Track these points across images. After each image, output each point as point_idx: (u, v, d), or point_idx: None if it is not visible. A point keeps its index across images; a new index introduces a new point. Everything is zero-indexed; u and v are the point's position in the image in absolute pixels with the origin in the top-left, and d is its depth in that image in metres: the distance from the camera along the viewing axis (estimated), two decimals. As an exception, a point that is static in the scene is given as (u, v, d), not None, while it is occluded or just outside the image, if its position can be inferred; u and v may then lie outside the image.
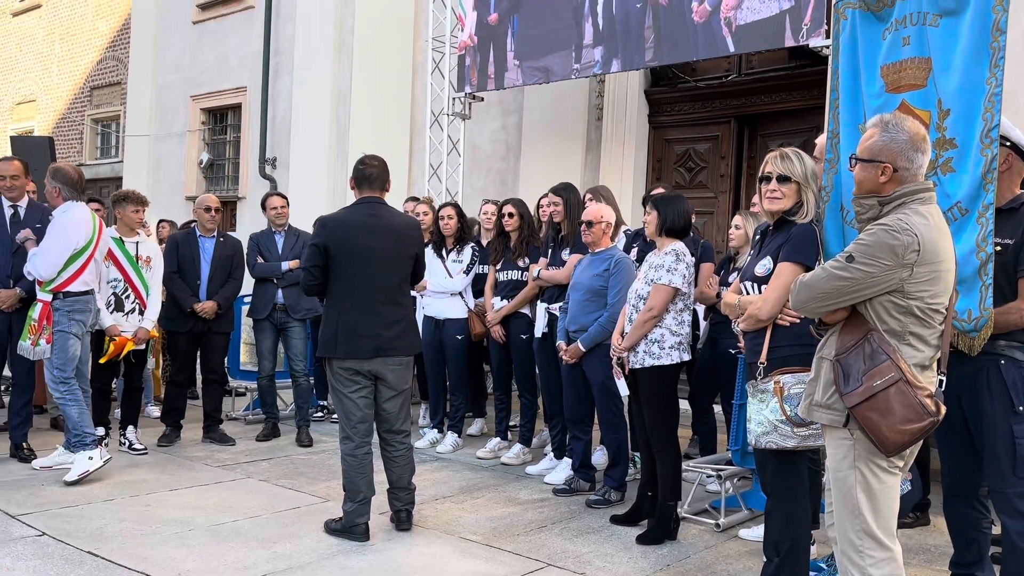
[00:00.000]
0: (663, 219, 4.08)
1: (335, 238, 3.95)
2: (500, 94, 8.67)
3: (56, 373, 4.88)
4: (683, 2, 6.47)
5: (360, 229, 3.96)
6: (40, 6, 16.42)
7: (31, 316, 4.88)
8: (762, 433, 3.07)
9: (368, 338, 3.91)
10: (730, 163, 7.93)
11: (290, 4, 11.11)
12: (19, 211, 5.22)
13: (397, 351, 3.98)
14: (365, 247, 3.93)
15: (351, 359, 3.93)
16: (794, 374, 3.00)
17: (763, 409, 3.06)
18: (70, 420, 4.85)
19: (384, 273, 3.96)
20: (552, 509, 4.54)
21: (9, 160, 5.36)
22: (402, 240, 4.04)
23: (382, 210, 4.07)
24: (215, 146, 12.54)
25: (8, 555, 3.63)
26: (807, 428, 2.96)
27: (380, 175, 4.08)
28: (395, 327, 3.97)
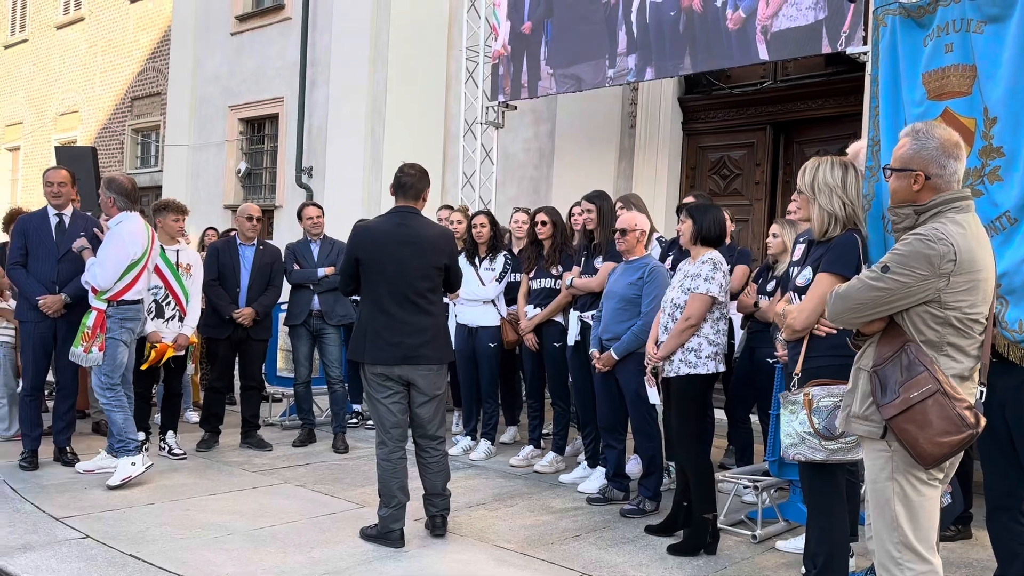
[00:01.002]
0: (698, 227, 4.07)
1: (364, 247, 4.04)
2: (533, 102, 8.71)
3: (104, 379, 4.98)
4: (717, 9, 6.45)
5: (387, 239, 4.02)
6: (83, 19, 16.81)
7: (85, 323, 4.98)
8: (790, 444, 3.06)
9: (394, 346, 3.96)
10: (765, 170, 7.88)
11: (326, 15, 11.26)
12: (64, 219, 5.35)
13: (424, 359, 4.01)
14: (391, 257, 3.99)
15: (380, 365, 3.99)
16: (824, 386, 2.99)
17: (792, 421, 3.05)
18: (115, 426, 4.95)
19: (409, 282, 4.00)
20: (586, 518, 4.54)
21: (57, 169, 5.50)
22: (430, 250, 4.06)
23: (413, 220, 4.11)
24: (252, 156, 12.73)
25: (53, 556, 3.72)
26: (836, 441, 2.94)
27: (415, 184, 4.12)
28: (421, 335, 4.00)
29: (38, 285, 5.20)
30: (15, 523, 4.16)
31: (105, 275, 4.96)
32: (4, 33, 19.32)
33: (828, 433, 2.87)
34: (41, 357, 5.30)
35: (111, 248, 5.00)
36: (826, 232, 3.11)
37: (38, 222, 5.33)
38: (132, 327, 5.12)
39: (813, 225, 3.15)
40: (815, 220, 3.13)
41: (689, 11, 6.65)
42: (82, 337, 4.95)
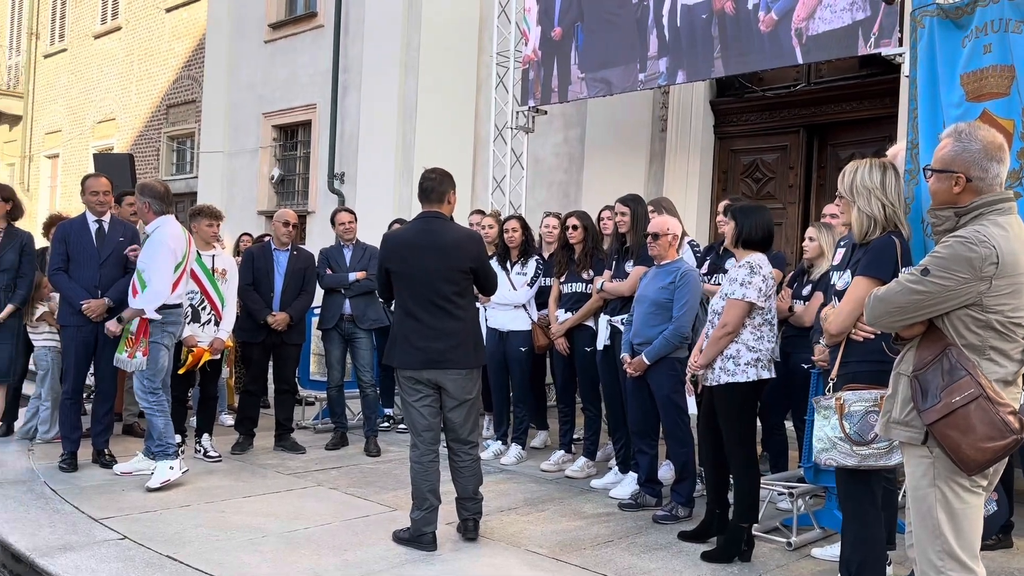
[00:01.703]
0: (739, 229, 3.98)
1: (390, 256, 4.13)
2: (563, 107, 8.71)
3: (147, 384, 5.05)
4: (750, 12, 6.41)
5: (411, 246, 4.08)
6: (120, 28, 17.12)
7: (128, 329, 5.06)
8: (822, 450, 3.03)
9: (420, 350, 4.00)
10: (799, 173, 7.80)
11: (358, 23, 11.35)
12: (104, 226, 5.45)
13: (451, 364, 4.02)
14: (416, 263, 4.02)
15: (409, 369, 4.02)
16: (856, 391, 2.95)
17: (825, 425, 3.03)
18: (155, 430, 5.02)
19: (434, 287, 4.02)
20: (618, 524, 4.52)
21: (97, 177, 5.60)
22: (453, 254, 4.06)
23: (437, 224, 4.13)
24: (286, 162, 12.86)
25: (92, 557, 3.78)
26: (867, 447, 2.90)
27: (437, 187, 4.14)
28: (448, 340, 4.01)
29: (81, 290, 5.29)
30: (55, 523, 4.24)
31: (162, 283, 5.02)
32: (44, 43, 19.74)
33: (859, 438, 2.83)
34: (83, 361, 5.40)
35: (159, 258, 5.03)
36: (866, 235, 3.07)
37: (79, 228, 5.43)
38: (173, 331, 5.20)
39: (853, 228, 3.11)
40: (855, 223, 3.09)
41: (721, 14, 6.61)
42: (126, 343, 5.02)
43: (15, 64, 20.75)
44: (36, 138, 19.83)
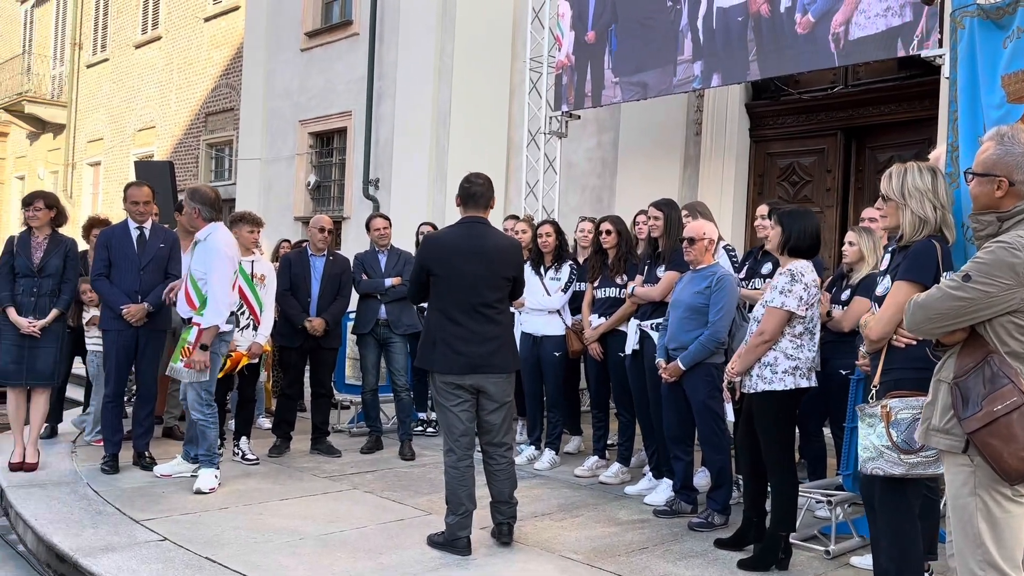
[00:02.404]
0: (787, 236, 3.90)
1: (433, 259, 4.09)
2: (596, 111, 8.70)
3: (204, 396, 5.10)
4: (786, 14, 6.36)
5: (456, 250, 4.06)
6: (160, 38, 17.46)
7: (186, 339, 5.02)
8: (868, 458, 2.98)
9: (463, 355, 3.99)
10: (837, 177, 7.71)
11: (393, 30, 11.46)
12: (145, 232, 5.56)
13: (493, 368, 4.04)
14: (460, 268, 4.02)
15: (450, 374, 4.02)
16: (903, 399, 2.90)
17: (871, 434, 2.97)
18: (206, 440, 5.07)
19: (479, 293, 4.03)
20: (653, 530, 4.49)
21: (139, 186, 5.71)
22: (498, 261, 4.09)
23: (481, 230, 4.14)
24: (322, 168, 13.01)
25: (134, 558, 3.85)
26: (915, 455, 2.86)
27: (484, 193, 4.16)
28: (489, 344, 4.03)
29: (122, 295, 5.40)
30: (98, 524, 4.32)
31: (225, 295, 5.07)
32: (87, 53, 20.19)
33: (907, 447, 2.79)
34: (123, 365, 5.51)
35: (218, 266, 5.02)
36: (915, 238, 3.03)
37: (120, 234, 5.54)
38: (227, 339, 5.29)
39: (904, 231, 3.06)
40: (907, 225, 3.05)
41: (756, 16, 6.56)
42: (182, 352, 5.00)
43: (59, 74, 21.24)
44: (79, 146, 20.28)
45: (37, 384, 5.50)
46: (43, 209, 5.48)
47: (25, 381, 5.45)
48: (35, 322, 5.37)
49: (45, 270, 5.44)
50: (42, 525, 4.30)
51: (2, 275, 5.46)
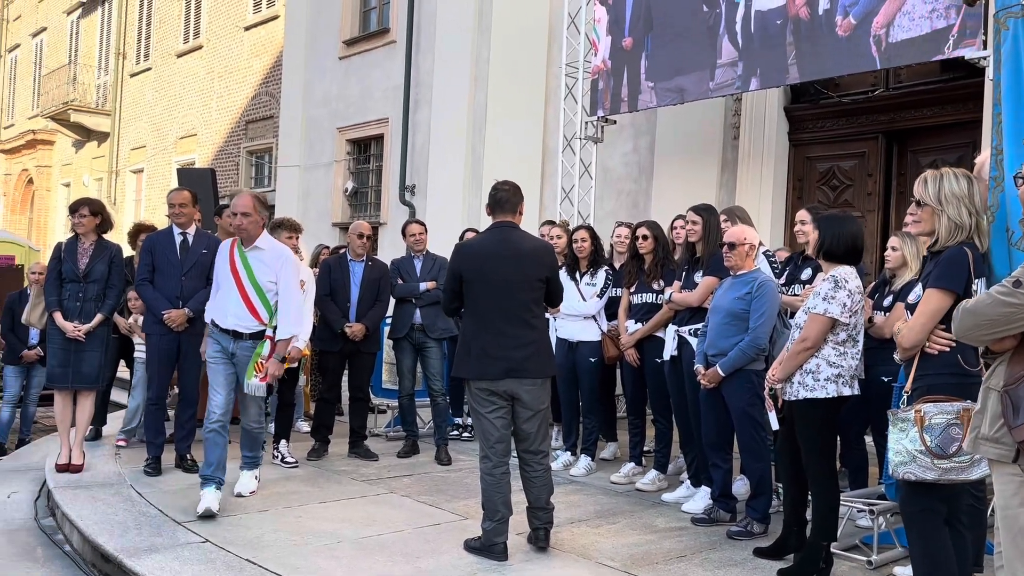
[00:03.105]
0: (822, 240, 3.86)
1: (466, 265, 4.11)
2: (632, 116, 8.68)
3: (263, 406, 5.15)
4: (826, 17, 6.29)
5: (489, 255, 4.08)
6: (202, 47, 17.77)
7: (259, 353, 4.79)
8: (900, 463, 2.94)
9: (498, 360, 4.00)
10: (878, 181, 7.60)
11: (429, 38, 11.54)
12: (188, 238, 5.66)
13: (528, 373, 4.04)
14: (493, 272, 4.03)
15: (484, 380, 4.03)
16: (937, 403, 2.87)
17: (903, 438, 2.95)
18: (257, 446, 5.13)
19: (512, 297, 4.04)
20: (691, 539, 4.45)
21: (179, 190, 5.82)
22: (530, 264, 4.10)
23: (512, 235, 4.16)
24: (359, 175, 13.13)
25: (176, 559, 3.91)
26: (948, 460, 2.82)
27: (510, 199, 4.19)
28: (525, 349, 4.03)
29: (164, 300, 5.51)
30: (142, 525, 4.40)
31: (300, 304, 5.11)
32: (130, 62, 20.62)
33: (940, 451, 2.75)
34: (165, 369, 5.62)
35: (293, 278, 4.92)
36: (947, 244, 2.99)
37: (164, 240, 5.65)
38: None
39: (940, 236, 3.02)
40: (943, 231, 3.00)
41: (796, 19, 6.50)
42: (255, 367, 4.78)
43: (103, 83, 21.72)
44: (122, 154, 20.70)
45: (82, 387, 5.61)
46: (88, 216, 5.60)
47: (71, 384, 5.57)
48: (80, 326, 5.49)
49: (90, 276, 5.56)
50: (88, 526, 4.39)
51: (50, 281, 5.60)
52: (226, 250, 4.96)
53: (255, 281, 4.82)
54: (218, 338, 4.89)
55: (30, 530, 4.88)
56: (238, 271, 4.84)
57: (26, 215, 25.06)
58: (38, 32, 25.07)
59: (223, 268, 4.91)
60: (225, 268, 4.89)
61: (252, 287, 4.82)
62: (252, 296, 4.80)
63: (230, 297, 4.85)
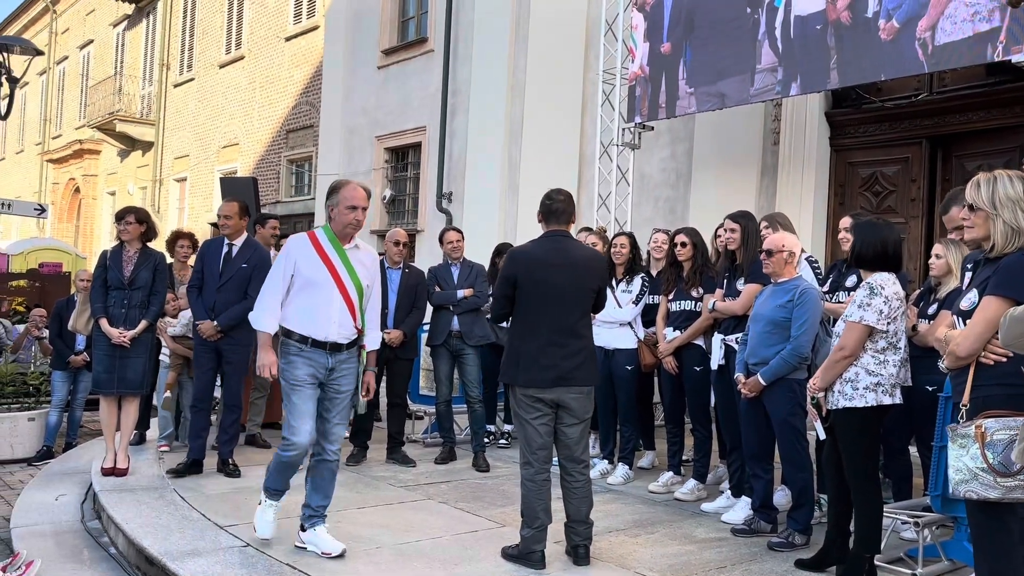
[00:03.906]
0: (853, 247, 3.86)
1: (522, 271, 4.07)
2: (670, 122, 8.64)
3: None
4: (868, 21, 6.20)
5: (546, 263, 4.06)
6: (243, 58, 18.06)
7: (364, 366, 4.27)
8: (960, 481, 2.84)
9: (549, 368, 3.99)
10: (922, 186, 7.47)
11: (467, 46, 11.61)
12: (232, 250, 5.74)
13: (577, 381, 4.03)
14: (549, 281, 4.02)
15: (532, 387, 4.02)
16: (999, 418, 2.76)
17: (963, 455, 2.84)
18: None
19: (566, 306, 4.04)
20: (731, 549, 4.40)
21: (228, 201, 5.92)
22: (585, 274, 4.10)
23: (567, 244, 4.16)
24: (397, 182, 13.24)
25: (218, 563, 3.96)
26: (1013, 478, 2.72)
27: (566, 209, 4.19)
28: (575, 358, 4.02)
29: (203, 310, 5.63)
30: (184, 529, 4.46)
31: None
32: (174, 73, 21.03)
33: (1004, 469, 2.66)
34: (208, 373, 5.73)
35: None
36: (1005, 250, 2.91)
37: (213, 250, 5.76)
38: None
39: (996, 242, 2.94)
40: (998, 236, 2.92)
41: (837, 24, 6.42)
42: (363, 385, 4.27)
43: (148, 94, 22.18)
44: (166, 163, 21.11)
45: (127, 392, 5.72)
46: (134, 224, 5.72)
47: (116, 389, 5.68)
48: (125, 332, 5.60)
49: (135, 283, 5.67)
50: (132, 529, 4.47)
51: (96, 288, 5.72)
52: (309, 249, 4.11)
53: (359, 284, 4.12)
54: (312, 356, 4.05)
55: (77, 532, 4.98)
56: (338, 272, 4.07)
57: (73, 223, 25.66)
58: (85, 44, 25.70)
59: (313, 269, 4.06)
60: (320, 269, 4.06)
61: (355, 291, 4.11)
62: (355, 301, 4.12)
63: (332, 303, 4.06)
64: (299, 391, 4.03)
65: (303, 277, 4.07)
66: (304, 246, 4.14)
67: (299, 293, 4.08)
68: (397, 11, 13.28)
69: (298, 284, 4.08)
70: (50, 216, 22.24)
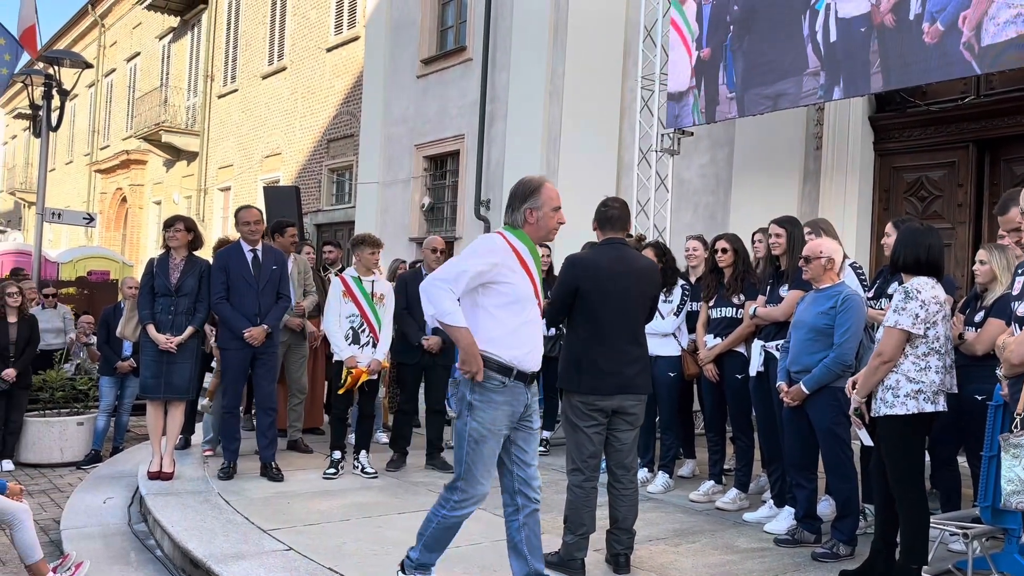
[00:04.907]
0: (892, 252, 3.81)
1: (585, 278, 4.03)
2: (710, 128, 8.58)
3: None
4: (912, 24, 6.11)
5: (608, 270, 4.05)
6: (286, 69, 18.34)
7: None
8: (1013, 492, 2.79)
9: (611, 375, 3.98)
10: (969, 191, 7.31)
11: (505, 54, 11.66)
12: (258, 254, 5.90)
13: (636, 389, 4.04)
14: (612, 287, 4.01)
15: (594, 395, 3.99)
16: None
17: (1015, 466, 2.79)
18: None
19: (628, 313, 4.04)
20: (774, 560, 4.34)
21: (248, 208, 6.10)
22: (644, 282, 4.12)
23: (626, 252, 4.17)
24: (435, 190, 13.33)
25: (261, 566, 4.02)
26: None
27: (622, 216, 4.19)
28: (636, 365, 4.03)
29: (242, 318, 5.74)
30: (229, 533, 4.54)
31: None
32: (218, 84, 21.42)
33: (1058, 480, 2.59)
34: (239, 379, 5.91)
35: None
36: None
37: (236, 257, 5.86)
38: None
39: None
40: None
41: (880, 27, 6.33)
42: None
43: (192, 105, 22.63)
44: (211, 172, 21.49)
45: (174, 398, 5.84)
46: (183, 232, 5.85)
47: (163, 395, 5.79)
48: (172, 339, 5.71)
49: (182, 290, 5.79)
50: (178, 532, 4.55)
51: (144, 295, 5.85)
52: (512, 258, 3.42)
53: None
54: (514, 392, 3.39)
55: (124, 534, 5.08)
56: (538, 287, 3.49)
57: (120, 232, 26.24)
58: (132, 57, 26.30)
59: (523, 282, 3.41)
60: (526, 283, 3.42)
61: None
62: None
63: (536, 325, 3.48)
64: (495, 438, 3.41)
65: (513, 290, 3.37)
66: (505, 251, 3.42)
67: (505, 310, 3.36)
68: (436, 21, 13.39)
69: (504, 299, 3.36)
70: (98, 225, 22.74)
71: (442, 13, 13.39)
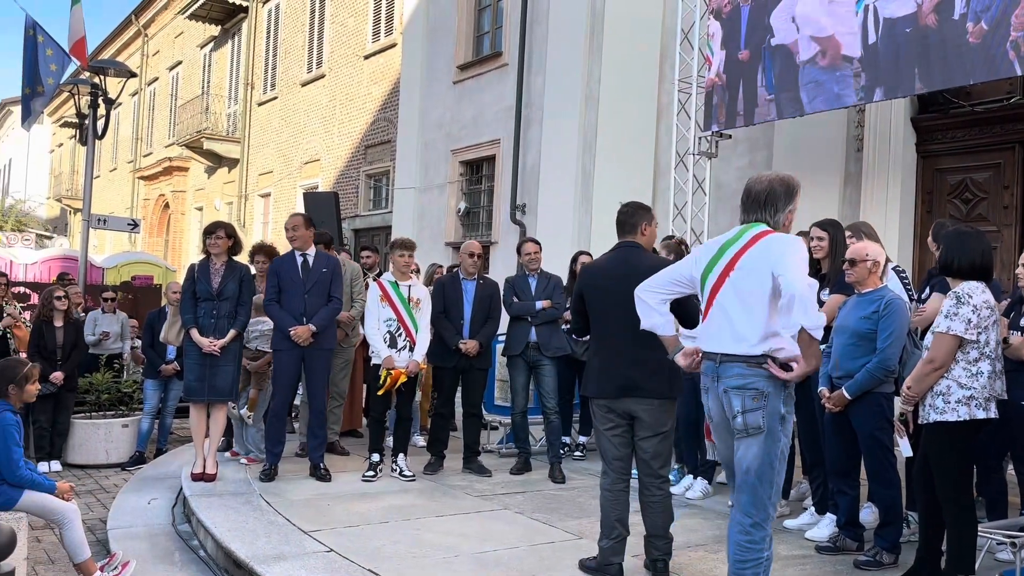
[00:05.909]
0: (940, 256, 3.76)
1: (587, 284, 4.16)
2: (748, 130, 8.50)
3: None
4: (956, 24, 6.00)
5: (605, 274, 4.11)
6: (324, 76, 18.55)
7: None
8: None
9: (614, 378, 3.99)
10: (1015, 193, 7.16)
11: (540, 58, 11.67)
12: (308, 259, 6.01)
13: (644, 392, 3.96)
14: (611, 290, 4.04)
15: (602, 398, 4.03)
16: None
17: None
18: None
19: (628, 314, 3.98)
20: (815, 567, 4.29)
21: (291, 216, 6.21)
22: None
23: (631, 253, 4.15)
24: (471, 195, 13.38)
25: (303, 567, 4.06)
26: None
27: (628, 220, 4.19)
28: (642, 367, 3.95)
29: (290, 318, 5.83)
30: (271, 534, 4.60)
31: None
32: (258, 92, 21.73)
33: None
34: (290, 382, 5.96)
35: None
36: None
37: (288, 263, 6.02)
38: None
39: None
40: None
41: (923, 28, 6.23)
42: None
43: (233, 112, 22.97)
44: (251, 179, 21.80)
45: (217, 399, 5.94)
46: (224, 238, 5.96)
47: (206, 397, 5.90)
48: (215, 342, 5.81)
49: (223, 294, 5.90)
50: (221, 532, 4.62)
51: (186, 299, 5.96)
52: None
53: None
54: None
55: (168, 535, 5.17)
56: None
57: (163, 237, 26.72)
58: (174, 65, 26.79)
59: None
60: None
61: None
62: None
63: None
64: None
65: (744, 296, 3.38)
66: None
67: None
68: (472, 26, 13.45)
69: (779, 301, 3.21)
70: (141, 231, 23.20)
71: (478, 19, 13.45)
